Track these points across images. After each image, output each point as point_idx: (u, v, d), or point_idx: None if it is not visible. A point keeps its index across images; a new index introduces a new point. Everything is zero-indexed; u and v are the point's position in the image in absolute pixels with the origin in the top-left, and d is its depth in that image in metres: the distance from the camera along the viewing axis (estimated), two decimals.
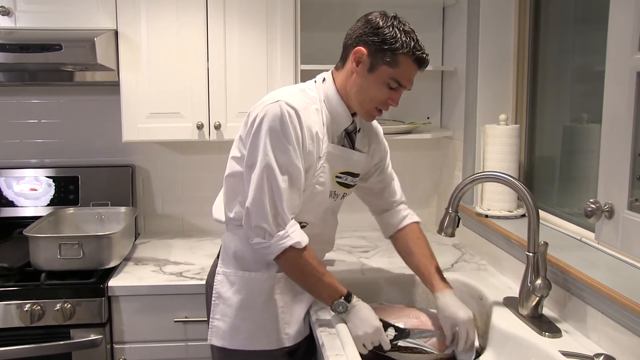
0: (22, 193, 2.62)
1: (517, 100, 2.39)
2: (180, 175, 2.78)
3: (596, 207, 1.19)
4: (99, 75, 2.42)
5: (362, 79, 1.63)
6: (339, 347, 1.59)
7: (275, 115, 1.55)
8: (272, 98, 1.60)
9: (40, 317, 2.07)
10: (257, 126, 1.57)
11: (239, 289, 1.72)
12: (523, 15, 2.33)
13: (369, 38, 1.60)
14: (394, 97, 1.66)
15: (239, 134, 1.70)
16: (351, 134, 1.77)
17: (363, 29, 1.62)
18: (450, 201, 1.78)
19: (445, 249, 2.51)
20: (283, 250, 1.57)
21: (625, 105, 1.11)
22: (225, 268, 1.75)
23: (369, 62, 1.61)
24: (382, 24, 1.60)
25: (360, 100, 1.66)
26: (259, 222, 1.56)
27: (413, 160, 2.91)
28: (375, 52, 1.60)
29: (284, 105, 1.56)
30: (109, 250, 2.17)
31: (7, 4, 2.25)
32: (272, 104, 1.57)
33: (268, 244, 1.57)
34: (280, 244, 1.57)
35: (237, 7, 2.33)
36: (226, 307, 1.72)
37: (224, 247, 1.78)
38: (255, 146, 1.58)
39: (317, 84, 1.73)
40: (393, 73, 1.61)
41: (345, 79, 1.67)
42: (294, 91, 1.66)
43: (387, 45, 1.58)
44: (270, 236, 1.57)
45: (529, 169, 2.36)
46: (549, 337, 1.59)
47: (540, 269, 1.68)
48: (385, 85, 1.62)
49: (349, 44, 1.66)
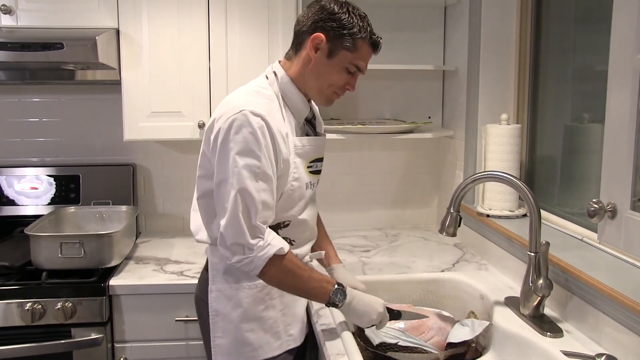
0: (23, 192, 2.62)
1: (518, 100, 2.39)
2: (181, 174, 2.78)
3: (599, 207, 1.18)
4: (100, 74, 2.43)
5: (321, 65, 1.60)
6: (340, 346, 1.59)
7: (241, 127, 1.48)
8: (233, 107, 1.52)
9: (41, 316, 2.07)
10: (223, 140, 1.50)
11: (237, 302, 1.66)
12: (525, 15, 2.33)
13: (327, 24, 1.57)
14: (351, 82, 1.66)
15: (202, 150, 1.63)
16: (311, 120, 1.76)
17: (319, 14, 1.58)
18: (452, 201, 1.78)
19: (447, 249, 2.51)
20: (267, 260, 1.50)
21: (629, 105, 1.11)
22: (218, 285, 1.68)
23: (327, 47, 1.58)
24: (337, 9, 1.58)
25: (320, 86, 1.64)
26: (235, 240, 1.49)
27: (414, 160, 2.91)
28: (334, 37, 1.57)
29: (249, 115, 1.49)
30: (109, 249, 2.17)
31: (9, 3, 2.25)
32: (236, 115, 1.49)
33: (250, 259, 1.50)
34: (263, 254, 1.50)
35: (239, 6, 2.33)
36: (227, 324, 1.67)
37: (213, 265, 1.70)
38: (223, 161, 1.50)
39: (269, 80, 1.67)
40: (352, 58, 1.60)
41: (302, 67, 1.63)
42: (251, 95, 1.59)
43: (346, 30, 1.57)
44: (250, 250, 1.49)
45: (530, 169, 2.36)
46: (550, 337, 1.59)
47: (542, 268, 1.68)
48: (345, 70, 1.62)
49: (304, 30, 1.61)
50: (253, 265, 1.51)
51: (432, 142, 2.88)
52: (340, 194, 2.85)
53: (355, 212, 2.92)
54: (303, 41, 1.62)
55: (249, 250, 1.50)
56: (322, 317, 1.77)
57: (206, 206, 1.65)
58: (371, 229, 2.88)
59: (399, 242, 2.65)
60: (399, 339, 1.68)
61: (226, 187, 1.50)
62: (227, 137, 1.50)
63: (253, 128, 1.49)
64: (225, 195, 1.50)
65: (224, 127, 1.50)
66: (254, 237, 1.50)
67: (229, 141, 1.49)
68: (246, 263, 1.51)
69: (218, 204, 1.54)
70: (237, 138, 1.48)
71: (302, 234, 1.73)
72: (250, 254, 1.50)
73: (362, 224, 2.90)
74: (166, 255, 2.42)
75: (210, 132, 1.57)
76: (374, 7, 2.73)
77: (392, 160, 2.90)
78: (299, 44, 1.64)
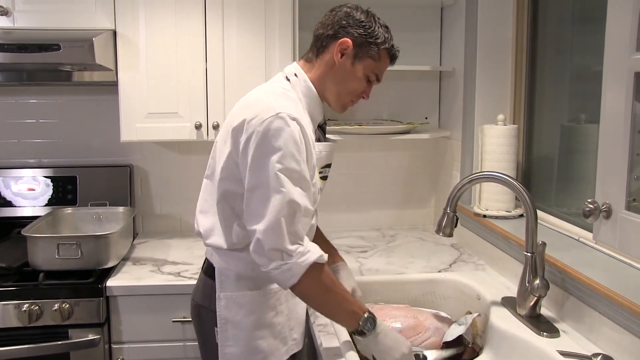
0: (20, 193, 2.62)
1: (515, 101, 2.40)
2: (178, 175, 2.78)
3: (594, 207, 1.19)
4: (97, 75, 2.42)
5: (344, 71, 1.59)
6: (337, 348, 1.59)
7: (279, 130, 1.42)
8: (268, 109, 1.46)
9: (39, 317, 2.06)
10: (260, 143, 1.43)
11: (251, 310, 1.61)
12: (521, 15, 2.34)
13: (355, 30, 1.57)
14: (367, 91, 1.66)
15: (228, 151, 1.53)
16: (322, 126, 1.75)
17: (346, 20, 1.58)
18: (449, 201, 1.78)
19: (444, 249, 2.51)
20: (307, 267, 1.42)
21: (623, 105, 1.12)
22: (228, 292, 1.62)
23: (352, 54, 1.58)
24: (364, 18, 1.58)
25: (339, 92, 1.62)
26: (275, 245, 1.41)
27: (411, 160, 2.91)
28: (359, 44, 1.57)
29: (287, 118, 1.44)
30: (107, 250, 2.17)
31: (6, 4, 2.25)
32: (273, 117, 1.43)
33: (289, 265, 1.41)
34: (302, 260, 1.42)
35: (236, 7, 2.33)
36: (239, 331, 1.62)
37: (221, 270, 1.64)
38: (260, 165, 1.43)
39: (291, 82, 1.62)
40: (375, 66, 1.61)
41: (324, 71, 1.61)
42: (281, 97, 1.53)
43: (372, 39, 1.57)
44: (289, 256, 1.41)
45: (526, 169, 2.36)
46: (547, 337, 1.59)
47: (538, 268, 1.69)
48: (365, 78, 1.62)
49: (329, 34, 1.59)
50: (291, 273, 1.42)
51: (429, 142, 2.88)
52: (337, 194, 2.85)
53: (353, 213, 2.92)
54: (327, 45, 1.60)
55: (287, 256, 1.42)
56: (319, 317, 1.77)
57: (226, 210, 1.59)
58: (368, 230, 2.88)
59: (397, 242, 2.65)
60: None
61: (264, 191, 1.43)
62: (264, 141, 1.43)
63: (292, 132, 1.43)
64: (263, 200, 1.43)
65: (260, 130, 1.43)
66: (294, 243, 1.43)
67: (267, 145, 1.43)
68: (284, 270, 1.42)
69: (251, 209, 1.46)
70: (276, 142, 1.42)
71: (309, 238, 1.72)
72: (289, 260, 1.42)
73: (360, 225, 2.90)
74: (163, 256, 2.42)
75: (240, 134, 1.49)
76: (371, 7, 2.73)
77: (389, 160, 2.91)
78: (322, 48, 1.61)
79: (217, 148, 1.62)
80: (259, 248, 1.43)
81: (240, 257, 1.60)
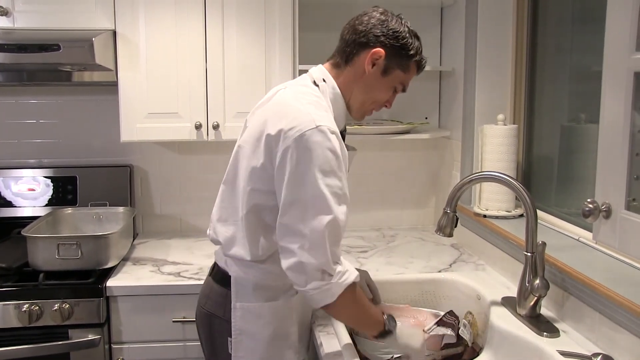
0: (20, 193, 2.62)
1: (515, 100, 2.40)
2: (178, 175, 2.78)
3: (594, 207, 1.19)
4: (97, 75, 2.42)
5: (373, 81, 1.56)
6: (336, 347, 1.59)
7: (321, 145, 1.37)
8: (307, 121, 1.39)
9: (39, 317, 2.06)
10: (300, 157, 1.38)
11: (269, 321, 1.58)
12: (521, 15, 2.34)
13: (388, 41, 1.53)
14: (391, 100, 1.64)
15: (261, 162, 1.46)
16: (342, 133, 1.69)
17: (380, 29, 1.54)
18: (449, 201, 1.78)
19: (444, 249, 2.51)
20: (345, 288, 1.41)
21: (623, 105, 1.12)
22: (244, 302, 1.58)
23: (384, 64, 1.55)
24: (399, 28, 1.55)
25: (364, 100, 1.60)
26: (318, 265, 1.37)
27: (411, 161, 2.91)
28: (391, 55, 1.54)
29: (328, 133, 1.39)
30: (107, 251, 2.17)
31: (6, 4, 2.25)
32: (313, 130, 1.38)
33: (329, 286, 1.39)
34: (343, 281, 1.40)
35: (236, 7, 2.33)
36: (254, 343, 1.58)
37: (238, 280, 1.59)
38: (300, 180, 1.38)
39: (320, 88, 1.57)
40: (404, 77, 1.59)
41: (352, 78, 1.57)
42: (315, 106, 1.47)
43: (405, 51, 1.55)
44: (330, 276, 1.39)
45: (526, 169, 2.36)
46: (547, 337, 1.59)
47: (538, 268, 1.68)
48: (392, 88, 1.60)
49: (361, 41, 1.54)
50: (330, 293, 1.40)
51: (429, 142, 2.88)
52: None
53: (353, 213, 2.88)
54: (358, 52, 1.56)
55: (329, 276, 1.39)
56: (319, 317, 1.77)
57: (253, 222, 1.53)
58: (368, 230, 2.88)
59: (396, 242, 2.65)
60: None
61: (305, 208, 1.38)
62: (305, 155, 1.37)
63: (333, 147, 1.39)
64: (303, 217, 1.38)
65: (300, 143, 1.38)
66: (335, 263, 1.40)
67: (309, 159, 1.37)
68: (323, 290, 1.39)
69: (289, 225, 1.41)
70: (318, 157, 1.37)
71: None
72: (329, 280, 1.39)
73: (360, 225, 2.90)
74: (163, 257, 2.42)
75: (276, 144, 1.42)
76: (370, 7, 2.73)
77: (389, 160, 2.91)
78: (352, 54, 1.57)
79: (244, 155, 1.54)
80: (299, 267, 1.39)
81: (261, 267, 1.57)
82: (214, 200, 1.67)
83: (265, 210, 1.50)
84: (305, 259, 1.37)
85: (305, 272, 1.38)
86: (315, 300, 1.42)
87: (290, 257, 1.40)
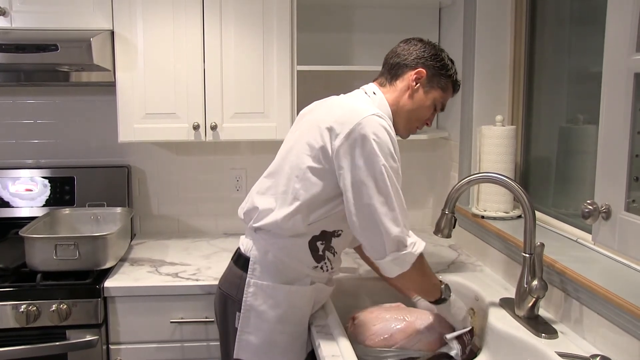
0: (18, 193, 2.62)
1: (513, 101, 2.40)
2: (176, 175, 2.78)
3: (593, 208, 1.18)
4: (94, 75, 2.42)
5: (418, 99, 1.73)
6: (335, 347, 1.59)
7: (378, 129, 1.54)
8: (363, 109, 1.58)
9: (36, 317, 2.06)
10: (362, 140, 1.53)
11: (278, 302, 1.66)
12: (519, 16, 2.34)
13: (430, 62, 1.72)
14: (431, 118, 1.80)
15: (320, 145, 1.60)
16: None
17: (422, 52, 1.73)
18: (447, 202, 1.79)
19: (442, 250, 2.51)
20: (417, 256, 1.59)
21: (623, 106, 1.11)
22: (259, 280, 1.67)
23: (426, 83, 1.73)
24: (439, 52, 1.75)
25: (410, 118, 1.75)
26: (398, 237, 1.55)
27: (409, 161, 2.91)
28: (432, 75, 1.73)
29: (383, 120, 1.57)
30: (104, 251, 2.16)
31: (3, 4, 2.24)
32: (370, 116, 1.55)
33: (405, 254, 1.57)
34: (415, 250, 1.58)
35: (234, 8, 2.33)
36: (261, 321, 1.66)
37: (258, 257, 1.68)
38: (366, 160, 1.53)
39: (370, 98, 1.73)
40: (442, 96, 1.76)
41: (398, 96, 1.73)
42: (369, 104, 1.66)
43: (444, 71, 1.74)
44: (405, 246, 1.57)
45: (525, 170, 2.36)
46: (545, 338, 1.59)
47: (537, 270, 1.69)
48: (433, 107, 1.76)
49: (405, 63, 1.73)
50: (406, 262, 1.58)
51: (427, 143, 2.88)
52: None
53: None
54: (402, 73, 1.74)
55: (403, 246, 1.57)
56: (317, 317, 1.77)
57: (304, 197, 1.62)
58: None
59: None
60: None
61: (377, 186, 1.53)
62: (365, 138, 1.53)
63: (388, 130, 1.57)
64: (374, 194, 1.53)
65: (361, 129, 1.54)
66: (407, 234, 1.58)
67: (369, 142, 1.53)
68: (401, 259, 1.57)
69: (355, 203, 1.55)
70: (379, 139, 1.54)
71: (343, 245, 1.76)
72: (404, 250, 1.56)
73: None
74: (161, 257, 2.41)
75: (335, 129, 1.57)
76: (369, 8, 2.74)
77: None
78: (396, 75, 1.75)
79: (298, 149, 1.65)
80: (380, 240, 1.55)
81: (284, 244, 1.65)
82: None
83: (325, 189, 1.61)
84: (386, 233, 1.54)
85: (383, 244, 1.55)
86: (391, 270, 1.60)
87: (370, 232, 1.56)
